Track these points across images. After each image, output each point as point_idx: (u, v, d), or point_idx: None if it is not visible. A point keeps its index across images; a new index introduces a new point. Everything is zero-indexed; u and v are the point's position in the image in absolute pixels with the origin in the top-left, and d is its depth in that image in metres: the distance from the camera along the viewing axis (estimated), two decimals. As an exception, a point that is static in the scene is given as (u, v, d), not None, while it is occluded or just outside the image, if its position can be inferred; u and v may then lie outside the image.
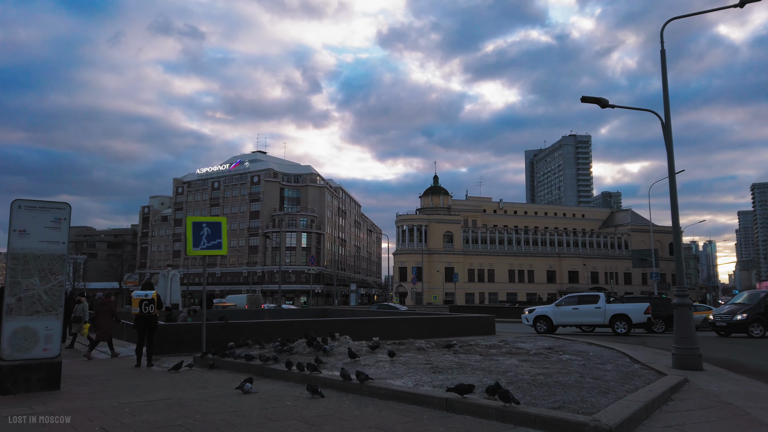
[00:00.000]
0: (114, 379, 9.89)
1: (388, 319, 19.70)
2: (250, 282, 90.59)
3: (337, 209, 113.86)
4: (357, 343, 11.73)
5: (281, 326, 17.05)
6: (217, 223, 13.65)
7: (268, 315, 29.78)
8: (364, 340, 15.09)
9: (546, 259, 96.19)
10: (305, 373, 8.60)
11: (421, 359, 9.74)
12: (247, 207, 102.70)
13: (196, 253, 13.37)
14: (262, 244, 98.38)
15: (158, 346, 15.07)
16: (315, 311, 33.53)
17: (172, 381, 9.37)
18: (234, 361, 10.71)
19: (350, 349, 10.99)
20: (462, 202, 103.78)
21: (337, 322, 18.50)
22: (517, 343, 13.82)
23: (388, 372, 8.48)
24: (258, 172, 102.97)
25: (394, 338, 17.88)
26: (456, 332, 19.99)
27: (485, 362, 9.44)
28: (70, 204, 8.84)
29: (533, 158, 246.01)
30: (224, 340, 15.58)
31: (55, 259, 8.63)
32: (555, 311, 22.90)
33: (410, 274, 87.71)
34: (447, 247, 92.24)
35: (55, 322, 8.53)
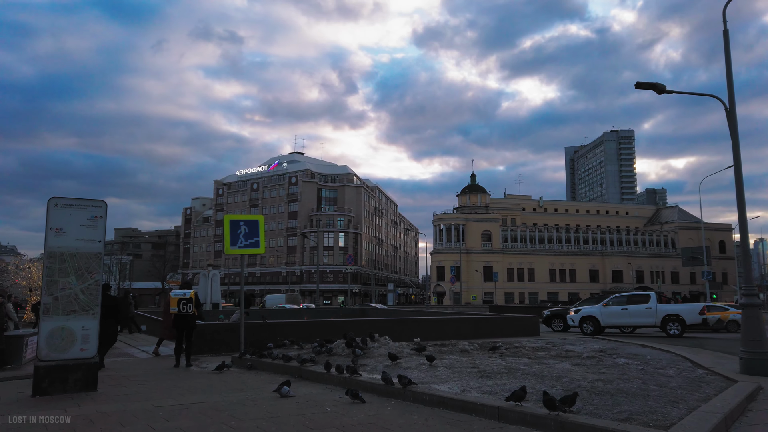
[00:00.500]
0: (152, 379, 9.73)
1: (428, 319, 19.20)
2: (288, 282, 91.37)
3: (374, 209, 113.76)
4: (397, 344, 11.29)
5: (319, 326, 16.78)
6: (254, 221, 13.44)
7: (307, 315, 29.69)
8: (404, 341, 14.66)
9: (588, 258, 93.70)
10: (344, 376, 8.22)
11: (466, 362, 9.23)
12: (285, 207, 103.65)
13: (234, 252, 13.19)
14: (300, 244, 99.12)
15: (196, 345, 14.98)
16: (353, 311, 33.29)
17: (210, 382, 9.13)
18: (272, 362, 10.43)
19: (391, 350, 10.57)
20: (500, 201, 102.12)
21: (376, 321, 18.11)
22: (565, 345, 13.13)
23: (432, 376, 8.01)
24: (295, 173, 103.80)
25: (435, 339, 17.38)
26: (498, 333, 19.35)
27: (535, 366, 8.86)
28: (106, 202, 8.70)
29: (573, 155, 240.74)
30: (263, 340, 15.40)
31: (92, 258, 8.49)
32: (602, 311, 21.95)
33: (448, 274, 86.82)
34: (485, 246, 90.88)
35: (92, 322, 8.38)
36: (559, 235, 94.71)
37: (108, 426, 5.76)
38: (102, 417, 6.19)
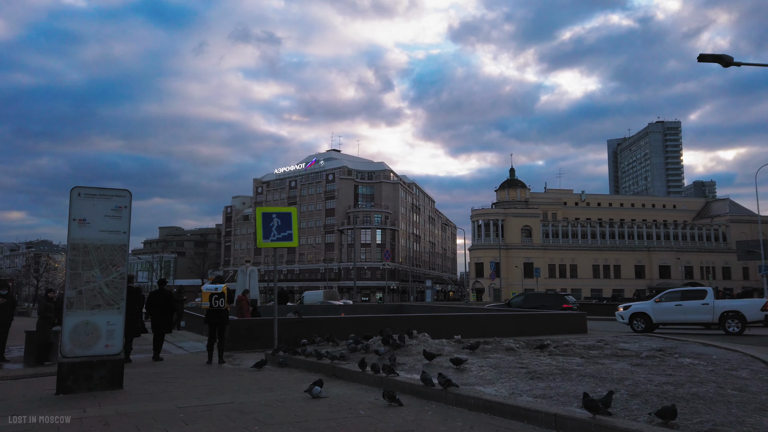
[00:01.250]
0: (181, 377, 9.36)
1: (469, 315, 18.45)
2: (326, 278, 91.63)
3: (411, 205, 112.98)
4: (437, 342, 10.63)
5: (356, 322, 16.24)
6: (287, 213, 12.98)
7: (344, 311, 29.29)
8: (444, 338, 13.97)
9: (634, 253, 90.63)
10: (380, 376, 7.61)
11: (513, 362, 8.49)
12: (322, 205, 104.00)
13: (266, 245, 12.76)
14: (337, 241, 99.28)
15: (231, 342, 14.69)
16: (391, 307, 32.75)
17: (240, 381, 8.68)
18: (305, 360, 9.93)
19: (430, 348, 9.91)
20: (540, 195, 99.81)
21: (414, 318, 17.47)
22: (618, 344, 12.20)
23: (476, 376, 7.32)
24: (332, 170, 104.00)
25: (476, 336, 16.62)
26: (543, 330, 18.43)
27: (590, 366, 8.05)
28: (130, 191, 8.33)
29: (616, 148, 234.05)
30: (298, 336, 14.98)
31: (116, 250, 8.13)
32: (654, 308, 20.74)
33: (487, 270, 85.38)
34: (525, 242, 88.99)
35: (117, 317, 8.02)
36: (602, 230, 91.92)
37: (122, 429, 5.31)
38: (119, 418, 5.76)
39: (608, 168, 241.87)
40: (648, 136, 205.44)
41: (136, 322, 12.47)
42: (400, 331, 15.00)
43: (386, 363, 7.88)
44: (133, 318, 11.94)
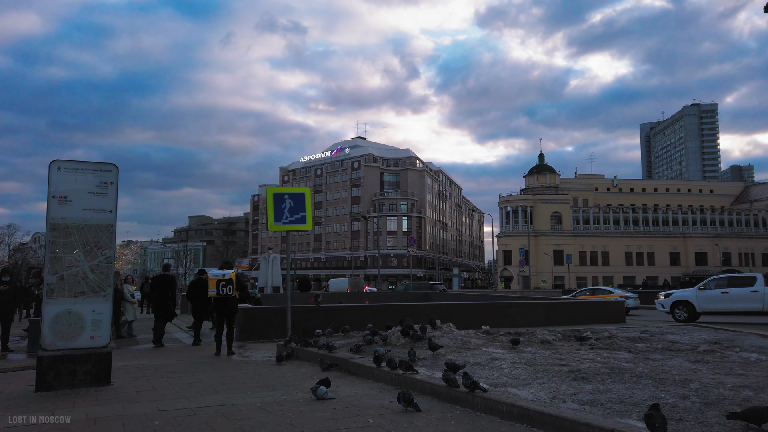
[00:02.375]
0: (181, 371, 8.53)
1: (496, 304, 17.34)
2: (352, 266, 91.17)
3: (438, 192, 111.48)
4: (463, 333, 9.58)
5: (377, 311, 15.29)
6: (299, 194, 12.04)
7: (368, 299, 28.43)
8: (471, 329, 12.94)
9: (668, 240, 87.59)
10: (397, 373, 6.62)
11: (551, 357, 7.39)
12: (348, 192, 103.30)
13: (278, 228, 11.87)
14: (363, 229, 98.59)
15: (245, 331, 13.93)
16: (416, 295, 31.75)
17: (243, 376, 7.80)
18: (317, 352, 9.00)
19: (455, 340, 8.88)
20: (571, 181, 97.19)
21: (439, 306, 16.45)
22: (666, 335, 10.95)
23: (508, 375, 6.27)
24: (358, 158, 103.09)
25: (504, 326, 15.52)
26: (578, 320, 17.21)
27: (641, 363, 6.90)
28: (117, 166, 7.45)
29: (649, 132, 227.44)
30: (315, 325, 14.12)
31: (102, 231, 7.28)
32: (698, 295, 19.31)
33: (515, 257, 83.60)
34: (555, 229, 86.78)
35: (103, 305, 7.20)
36: (635, 216, 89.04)
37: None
38: (85, 426, 4.90)
39: (641, 153, 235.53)
40: (683, 119, 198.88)
41: (169, 308, 13.09)
42: (424, 321, 14.03)
43: (404, 358, 6.88)
44: (166, 303, 12.87)
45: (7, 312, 12.28)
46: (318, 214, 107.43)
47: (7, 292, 12.14)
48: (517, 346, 8.06)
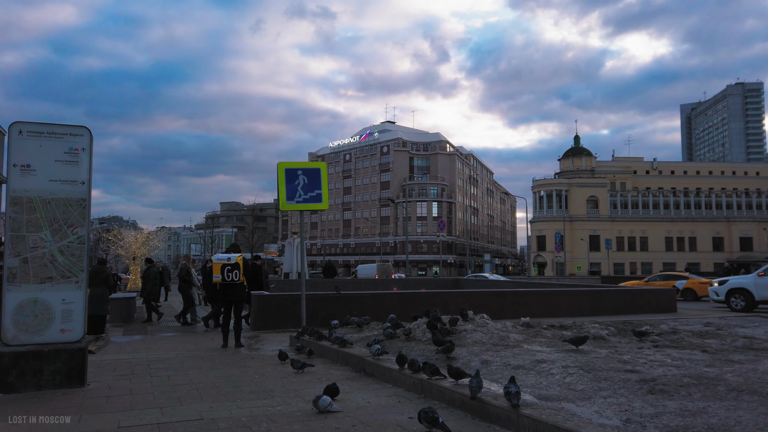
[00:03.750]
0: (176, 367, 7.47)
1: (534, 291, 15.90)
2: (382, 252, 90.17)
3: (469, 177, 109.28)
4: (500, 325, 8.25)
5: (403, 299, 14.09)
6: (314, 169, 10.83)
7: (396, 286, 27.26)
8: (506, 319, 11.63)
9: (711, 224, 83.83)
10: (420, 378, 5.38)
11: (610, 358, 6.02)
12: (377, 178, 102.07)
13: (291, 208, 10.70)
14: (393, 214, 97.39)
15: (261, 320, 12.90)
16: (446, 282, 30.41)
17: (240, 378, 6.68)
18: (330, 347, 7.84)
19: (490, 334, 7.57)
20: (608, 164, 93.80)
21: (471, 294, 15.12)
22: (734, 329, 9.42)
23: (561, 384, 4.95)
24: (387, 142, 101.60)
25: (544, 316, 14.14)
26: (625, 309, 15.69)
27: (726, 368, 5.48)
28: (89, 129, 6.33)
29: (690, 113, 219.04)
30: (335, 314, 13.00)
31: (73, 206, 6.20)
32: (758, 283, 17.55)
33: (549, 243, 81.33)
34: (591, 213, 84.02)
35: (75, 293, 6.14)
36: (676, 200, 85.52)
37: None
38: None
39: (681, 135, 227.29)
40: (726, 99, 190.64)
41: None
42: (454, 311, 12.73)
43: (429, 361, 5.62)
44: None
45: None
46: (347, 200, 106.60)
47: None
48: (580, 347, 6.59)
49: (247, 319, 14.06)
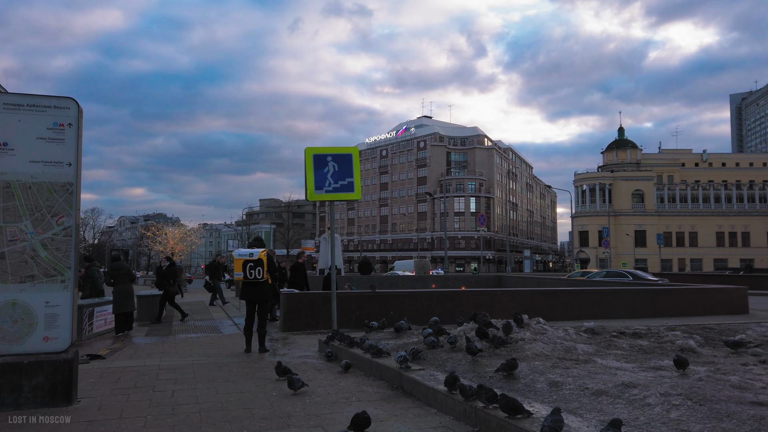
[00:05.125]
0: (182, 379, 6.51)
1: (591, 291, 14.48)
2: (419, 248, 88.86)
3: (507, 172, 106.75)
4: (561, 333, 7.00)
5: (444, 299, 12.90)
6: (345, 155, 9.75)
7: (434, 283, 26.07)
8: (558, 321, 10.40)
9: (766, 219, 79.36)
10: (475, 406, 4.22)
11: (715, 380, 4.70)
12: (414, 173, 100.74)
13: (320, 198, 9.66)
14: (430, 210, 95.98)
15: (290, 320, 11.94)
16: (487, 279, 29.01)
17: (255, 395, 5.66)
18: (362, 356, 6.74)
19: (553, 343, 6.33)
20: (654, 156, 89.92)
21: (519, 294, 13.79)
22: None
23: (666, 422, 3.69)
24: (424, 137, 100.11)
25: (601, 317, 12.74)
26: (689, 310, 14.14)
27: None
28: (77, 101, 5.38)
29: (740, 103, 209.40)
30: (370, 315, 11.97)
31: (58, 191, 5.27)
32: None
33: (592, 239, 78.56)
34: (636, 208, 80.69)
35: (61, 294, 5.20)
36: (728, 193, 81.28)
37: None
38: None
39: (731, 126, 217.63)
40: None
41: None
42: (500, 312, 11.49)
43: (482, 383, 4.44)
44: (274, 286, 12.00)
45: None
46: (384, 196, 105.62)
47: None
48: (684, 370, 5.06)
49: (272, 314, 13.24)
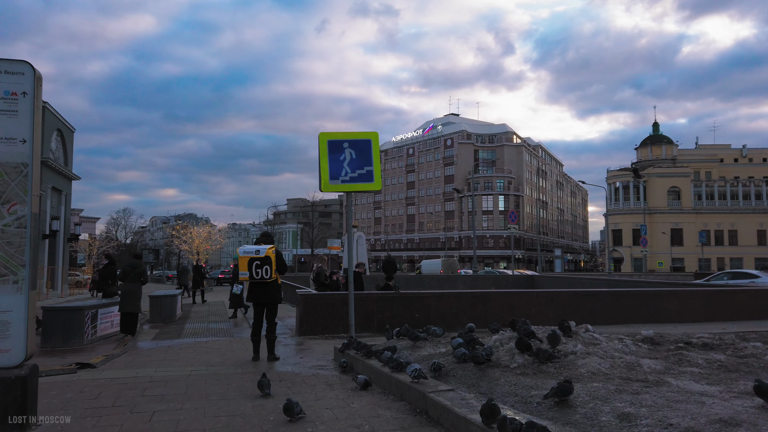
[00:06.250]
0: (170, 397, 5.60)
1: (636, 292, 13.17)
2: (446, 248, 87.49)
3: (537, 169, 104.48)
4: (618, 344, 5.85)
5: (473, 300, 11.79)
6: (363, 141, 8.72)
7: (462, 283, 24.93)
8: (600, 325, 9.25)
9: (811, 217, 75.76)
10: (523, 450, 3.17)
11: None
12: (441, 171, 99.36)
13: (335, 189, 8.66)
14: (457, 209, 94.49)
15: (306, 323, 11.02)
16: (518, 279, 27.68)
17: (248, 422, 4.69)
18: (381, 370, 5.73)
19: (609, 360, 5.21)
20: (690, 152, 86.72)
21: (557, 296, 12.56)
22: None
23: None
24: (451, 135, 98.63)
25: (647, 322, 11.51)
26: (746, 313, 12.77)
27: None
28: (32, 65, 4.48)
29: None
30: (393, 318, 10.98)
31: (9, 173, 4.38)
32: None
33: (626, 237, 76.12)
34: (673, 205, 77.85)
35: (14, 298, 4.31)
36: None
37: None
38: None
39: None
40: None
41: None
42: (536, 316, 10.34)
43: (535, 420, 3.37)
44: None
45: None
46: (411, 195, 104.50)
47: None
48: (670, 364, 4.06)
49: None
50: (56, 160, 32.89)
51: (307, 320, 11.04)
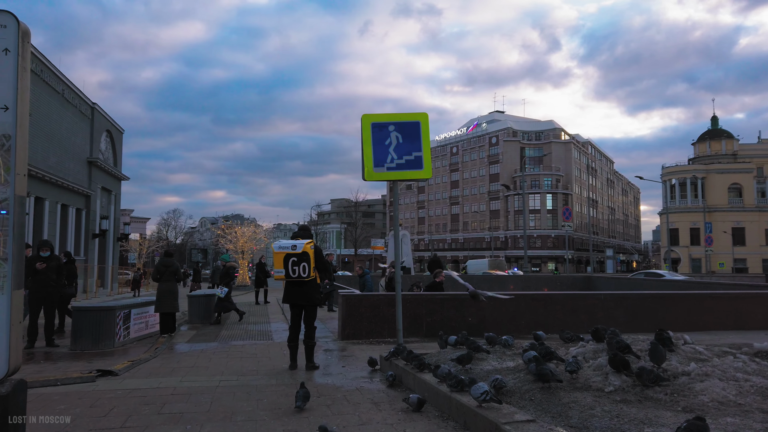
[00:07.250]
0: (189, 416, 4.78)
1: (719, 294, 11.70)
2: (492, 248, 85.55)
3: (586, 167, 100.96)
4: (737, 363, 4.67)
5: (533, 303, 10.63)
6: (412, 123, 7.74)
7: (513, 284, 23.61)
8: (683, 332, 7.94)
9: None
10: None
11: None
12: (486, 170, 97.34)
13: (380, 177, 7.71)
14: (503, 208, 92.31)
15: (350, 326, 10.14)
16: (573, 280, 26.09)
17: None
18: (436, 388, 4.75)
19: (736, 386, 4.08)
20: (752, 147, 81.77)
21: (626, 297, 11.21)
22: None
23: None
24: (496, 133, 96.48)
25: (732, 329, 10.15)
26: None
27: None
28: (14, 14, 3.71)
29: None
30: (444, 322, 10.02)
31: (-12, 149, 3.64)
32: None
33: (683, 236, 72.37)
34: (734, 203, 73.57)
35: (-6, 299, 3.57)
36: (843, 185, 72.48)
37: None
38: None
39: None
40: None
41: None
42: (604, 321, 9.11)
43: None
44: None
45: (48, 295, 9.64)
46: (455, 194, 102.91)
47: (46, 271, 9.47)
48: None
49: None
50: (106, 161, 33.30)
51: (349, 323, 10.17)
